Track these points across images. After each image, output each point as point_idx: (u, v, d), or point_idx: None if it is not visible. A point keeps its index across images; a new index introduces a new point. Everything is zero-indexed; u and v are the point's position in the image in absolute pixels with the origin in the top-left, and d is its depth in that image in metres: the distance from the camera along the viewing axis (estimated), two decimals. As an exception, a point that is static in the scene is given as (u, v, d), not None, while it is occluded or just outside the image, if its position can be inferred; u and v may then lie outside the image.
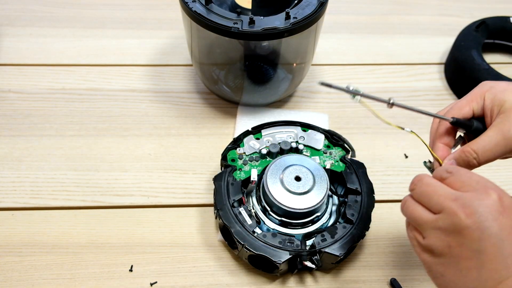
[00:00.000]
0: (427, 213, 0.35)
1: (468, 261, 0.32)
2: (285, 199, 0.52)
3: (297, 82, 0.73)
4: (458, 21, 0.88)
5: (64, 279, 0.54)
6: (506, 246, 0.31)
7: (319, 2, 0.59)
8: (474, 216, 0.31)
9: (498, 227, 0.31)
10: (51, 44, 0.79)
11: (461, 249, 0.32)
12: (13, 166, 0.63)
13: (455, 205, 0.33)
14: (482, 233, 0.31)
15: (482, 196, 0.32)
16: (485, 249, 0.31)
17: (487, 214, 0.31)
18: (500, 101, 0.39)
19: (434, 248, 0.34)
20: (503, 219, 0.31)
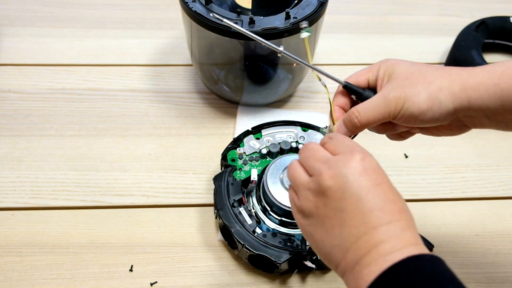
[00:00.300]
0: (304, 175, 0.36)
1: (332, 220, 0.33)
2: (285, 199, 0.52)
3: (297, 82, 0.73)
4: (458, 21, 0.88)
5: (64, 279, 0.54)
6: (364, 204, 0.32)
7: (319, 2, 0.59)
8: (336, 177, 0.33)
9: (357, 187, 0.32)
10: (51, 44, 0.79)
11: (325, 209, 0.34)
12: (13, 166, 0.63)
13: (323, 167, 0.34)
14: (343, 193, 0.33)
15: (347, 158, 0.34)
16: (345, 208, 0.33)
17: (349, 175, 0.33)
18: (390, 71, 0.40)
19: (304, 208, 0.35)
20: (363, 180, 0.33)
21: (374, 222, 0.32)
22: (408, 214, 0.34)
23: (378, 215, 0.32)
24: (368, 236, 0.32)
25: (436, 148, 0.68)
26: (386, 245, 0.31)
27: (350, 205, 0.33)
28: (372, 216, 0.32)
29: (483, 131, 0.70)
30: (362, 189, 0.33)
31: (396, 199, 0.34)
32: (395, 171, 0.65)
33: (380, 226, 0.32)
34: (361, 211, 0.32)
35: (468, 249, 0.59)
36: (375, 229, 0.32)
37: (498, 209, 0.63)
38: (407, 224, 0.33)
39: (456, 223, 0.61)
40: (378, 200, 0.33)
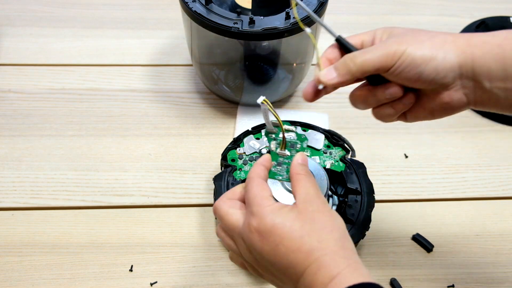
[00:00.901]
0: (233, 245, 0.39)
1: (274, 279, 0.37)
2: (285, 199, 0.52)
3: (297, 82, 0.73)
4: (458, 21, 0.87)
5: (64, 279, 0.54)
6: (279, 265, 0.34)
7: (319, 2, 0.59)
8: (252, 251, 0.36)
9: (267, 254, 0.35)
10: (51, 44, 0.79)
11: (265, 271, 0.37)
12: (13, 166, 0.63)
13: (238, 240, 0.38)
14: (262, 262, 0.36)
15: (247, 230, 0.36)
16: (273, 272, 0.36)
17: (256, 246, 0.35)
18: (389, 31, 0.38)
19: (255, 270, 0.39)
20: (266, 246, 0.35)
21: (294, 279, 0.34)
22: (321, 249, 0.34)
23: (291, 273, 0.34)
24: (299, 284, 0.34)
25: (436, 148, 0.68)
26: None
27: (273, 271, 0.35)
28: (290, 275, 0.34)
29: (483, 131, 0.70)
30: (270, 255, 0.35)
31: (299, 246, 0.34)
32: (395, 171, 0.66)
33: (297, 281, 0.34)
34: (282, 273, 0.35)
35: (468, 249, 0.59)
36: (297, 285, 0.34)
37: (498, 209, 0.63)
38: (317, 264, 0.33)
39: (456, 223, 0.61)
40: (284, 260, 0.34)
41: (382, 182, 0.64)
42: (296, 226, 0.34)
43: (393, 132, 0.70)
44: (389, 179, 0.65)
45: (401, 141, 0.69)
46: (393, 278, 0.55)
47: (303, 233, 0.34)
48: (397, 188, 0.64)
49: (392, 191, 0.64)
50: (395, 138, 0.69)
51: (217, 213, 0.40)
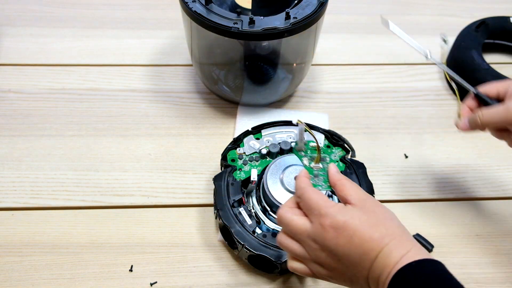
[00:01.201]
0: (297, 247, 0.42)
1: (344, 274, 0.40)
2: (285, 199, 0.52)
3: (297, 82, 0.73)
4: (458, 21, 0.87)
5: (64, 279, 0.54)
6: (354, 255, 0.38)
7: (319, 2, 0.59)
8: (325, 249, 0.40)
9: (341, 247, 0.39)
10: (51, 44, 0.79)
11: (335, 269, 0.40)
12: (13, 166, 0.63)
13: (308, 241, 0.41)
14: (336, 257, 0.39)
15: (320, 230, 0.40)
16: (343, 263, 0.39)
17: (330, 243, 0.39)
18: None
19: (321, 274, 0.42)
20: (340, 240, 0.39)
21: (367, 265, 0.38)
22: (389, 235, 0.39)
23: (365, 259, 0.38)
24: (371, 274, 0.38)
25: (436, 148, 0.68)
26: (383, 275, 0.37)
27: (347, 262, 0.39)
28: (363, 262, 0.38)
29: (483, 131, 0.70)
30: (345, 247, 0.39)
31: (371, 236, 0.38)
32: (395, 171, 0.66)
33: (371, 266, 0.38)
34: (356, 263, 0.39)
35: (468, 249, 0.59)
36: (371, 269, 0.38)
37: (498, 209, 0.63)
38: (389, 247, 0.38)
39: (456, 223, 0.61)
40: (358, 250, 0.38)
41: (382, 182, 0.64)
42: (363, 219, 0.39)
43: (393, 132, 0.70)
44: (389, 179, 0.65)
45: (401, 141, 0.69)
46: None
47: (371, 224, 0.39)
48: (397, 188, 0.64)
49: (392, 191, 0.64)
50: (395, 138, 0.69)
51: (282, 221, 0.43)
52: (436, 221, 0.61)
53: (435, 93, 0.77)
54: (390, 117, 0.72)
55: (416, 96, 0.76)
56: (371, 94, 0.76)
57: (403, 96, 0.76)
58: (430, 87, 0.77)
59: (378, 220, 0.39)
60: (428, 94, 0.76)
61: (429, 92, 0.77)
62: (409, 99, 0.75)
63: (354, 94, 0.75)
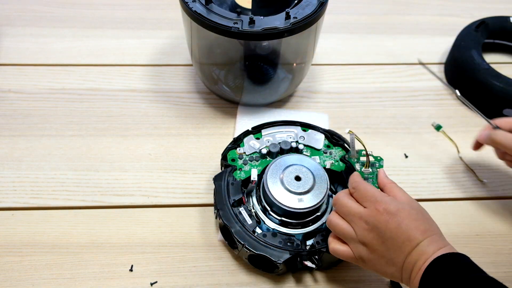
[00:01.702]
0: (348, 228, 0.48)
1: (382, 257, 0.45)
2: (285, 199, 0.52)
3: (297, 82, 0.73)
4: (458, 21, 0.88)
5: (64, 279, 0.54)
6: (398, 240, 0.44)
7: (319, 2, 0.59)
8: (373, 230, 0.46)
9: (389, 232, 0.45)
10: (51, 44, 0.79)
11: (376, 251, 0.46)
12: (13, 166, 0.63)
13: (360, 223, 0.47)
14: (382, 238, 0.45)
15: (374, 213, 0.46)
16: (388, 247, 0.45)
17: (381, 225, 0.45)
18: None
19: (362, 255, 0.47)
20: (389, 224, 0.45)
21: (407, 250, 0.44)
22: (431, 230, 0.45)
23: (407, 245, 0.44)
24: (408, 259, 0.44)
25: (436, 148, 0.68)
26: (420, 261, 0.43)
27: (390, 245, 0.45)
28: (405, 247, 0.44)
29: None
30: (392, 231, 0.45)
31: (417, 226, 0.45)
32: (395, 171, 0.65)
33: (412, 251, 0.44)
34: (398, 246, 0.44)
35: (468, 249, 0.59)
36: (410, 254, 0.44)
37: (498, 209, 0.63)
38: (429, 240, 0.44)
39: (456, 223, 0.61)
40: (404, 235, 0.44)
41: (382, 182, 0.64)
42: (412, 212, 0.46)
43: (393, 132, 0.70)
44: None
45: (401, 141, 0.69)
46: (393, 278, 0.55)
47: (418, 217, 0.46)
48: (397, 188, 0.64)
49: (392, 191, 0.64)
50: (395, 138, 0.69)
51: (339, 202, 0.49)
52: (436, 221, 0.61)
53: (435, 93, 0.77)
54: (390, 117, 0.72)
55: (416, 96, 0.76)
56: (371, 94, 0.76)
57: (403, 96, 0.76)
58: (430, 87, 0.77)
59: (423, 216, 0.46)
60: (428, 94, 0.76)
61: (429, 92, 0.77)
62: (409, 99, 0.75)
63: (354, 94, 0.75)
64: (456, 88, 0.76)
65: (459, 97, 0.62)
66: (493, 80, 0.70)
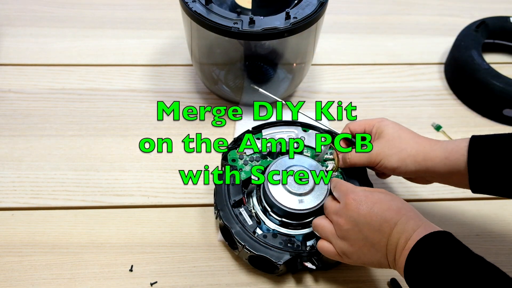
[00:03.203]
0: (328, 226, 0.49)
1: (363, 247, 0.46)
2: (285, 200, 0.52)
3: (297, 82, 0.73)
4: (458, 21, 0.88)
5: (64, 279, 0.54)
6: (374, 225, 0.45)
7: (319, 2, 0.59)
8: (349, 221, 0.47)
9: (363, 219, 0.46)
10: (51, 44, 0.79)
11: (355, 241, 0.46)
12: (13, 166, 0.63)
13: (336, 217, 0.48)
14: (358, 228, 0.46)
15: (345, 205, 0.47)
16: (366, 235, 0.46)
17: (353, 214, 0.46)
18: (380, 131, 0.54)
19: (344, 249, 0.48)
20: (361, 210, 0.46)
21: (387, 231, 0.45)
22: (403, 209, 0.46)
23: (385, 227, 0.45)
24: (390, 241, 0.45)
25: (436, 148, 0.68)
26: (402, 239, 0.44)
27: (367, 232, 0.46)
28: (383, 229, 0.45)
29: (483, 131, 0.70)
30: (366, 217, 0.46)
31: (390, 206, 0.46)
32: (395, 171, 0.65)
33: (391, 232, 0.45)
34: (376, 230, 0.45)
35: (468, 249, 0.59)
36: (390, 235, 0.45)
37: (498, 209, 0.63)
38: (407, 218, 0.45)
39: (456, 223, 0.61)
40: (379, 218, 0.45)
41: (382, 182, 0.64)
42: (382, 196, 0.47)
43: (393, 132, 0.70)
44: (389, 179, 0.65)
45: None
46: (393, 278, 0.55)
47: (389, 199, 0.47)
48: (397, 188, 0.64)
49: (392, 191, 0.64)
50: (395, 138, 0.69)
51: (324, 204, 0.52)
52: (436, 221, 0.61)
53: (435, 93, 0.77)
54: (390, 117, 0.72)
55: (416, 96, 0.76)
56: (371, 94, 0.75)
57: (403, 96, 0.76)
58: (430, 87, 0.77)
59: (392, 197, 0.48)
60: (428, 94, 0.76)
61: (429, 92, 0.77)
62: (409, 99, 0.75)
63: (354, 94, 0.75)
64: (457, 88, 0.76)
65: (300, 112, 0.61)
66: (493, 80, 0.70)
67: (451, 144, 0.50)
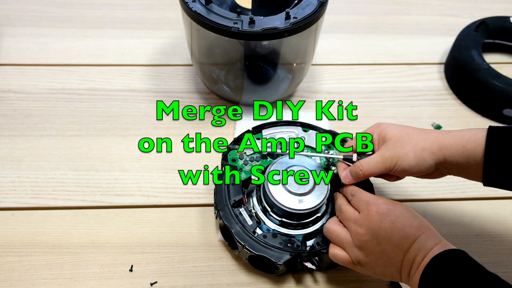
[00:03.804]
0: (345, 234, 0.49)
1: (380, 259, 0.46)
2: (285, 200, 0.52)
3: (297, 82, 0.73)
4: (458, 21, 0.88)
5: (64, 279, 0.54)
6: (394, 240, 0.45)
7: (319, 2, 0.59)
8: (369, 233, 0.46)
9: (383, 232, 0.45)
10: (51, 44, 0.79)
11: (372, 253, 0.46)
12: (13, 166, 0.63)
13: (355, 227, 0.48)
14: (377, 240, 0.46)
15: (367, 216, 0.47)
16: (384, 248, 0.46)
17: (374, 226, 0.46)
18: (383, 135, 0.51)
19: (359, 259, 0.47)
20: (383, 225, 0.46)
21: (405, 246, 0.45)
22: (423, 227, 0.46)
23: (404, 242, 0.45)
24: (406, 257, 0.45)
25: (436, 148, 0.68)
26: (419, 256, 0.44)
27: (386, 245, 0.45)
28: (402, 245, 0.45)
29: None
30: (387, 231, 0.45)
31: (411, 223, 0.46)
32: (395, 171, 0.65)
33: (409, 248, 0.45)
34: (395, 245, 0.45)
35: (468, 249, 0.58)
36: (408, 251, 0.45)
37: (498, 209, 0.63)
38: (426, 236, 0.45)
39: (456, 223, 0.61)
40: (400, 233, 0.45)
41: (382, 182, 0.64)
42: (404, 211, 0.47)
43: (393, 132, 0.70)
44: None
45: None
46: (393, 278, 0.55)
47: (410, 215, 0.47)
48: (397, 188, 0.64)
49: (392, 191, 0.64)
50: (395, 138, 0.69)
51: (338, 208, 0.51)
52: (436, 221, 0.61)
53: (435, 93, 0.77)
54: (390, 117, 0.72)
55: (416, 96, 0.76)
56: (371, 94, 0.75)
57: (403, 96, 0.76)
58: (430, 87, 0.77)
59: (413, 213, 0.47)
60: (428, 94, 0.76)
61: (429, 92, 0.77)
62: (409, 99, 0.75)
63: (354, 94, 0.75)
64: (457, 88, 0.76)
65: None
66: (493, 80, 0.70)
67: (467, 133, 0.48)
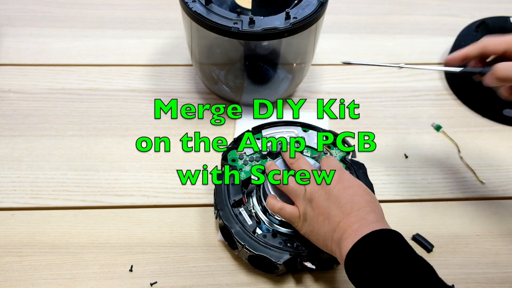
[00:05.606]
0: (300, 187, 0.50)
1: (322, 215, 0.48)
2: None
3: (297, 82, 0.73)
4: (458, 21, 0.87)
5: (64, 279, 0.54)
6: (341, 201, 0.47)
7: (319, 2, 0.59)
8: (324, 187, 0.48)
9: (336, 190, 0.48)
10: (51, 44, 0.79)
11: (318, 208, 0.48)
12: (13, 166, 0.63)
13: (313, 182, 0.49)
14: (328, 195, 0.48)
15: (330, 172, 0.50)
16: (331, 204, 0.47)
17: (331, 185, 0.48)
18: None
19: (307, 211, 0.49)
20: (338, 186, 0.48)
21: (348, 210, 0.46)
22: (373, 203, 0.48)
23: (349, 206, 0.47)
24: (345, 220, 0.46)
25: (436, 148, 0.68)
26: (355, 225, 0.45)
27: (333, 203, 0.47)
28: (346, 208, 0.47)
29: (483, 131, 0.71)
30: (339, 192, 0.48)
31: (363, 195, 0.48)
32: (395, 171, 0.65)
33: (351, 212, 0.46)
34: (340, 205, 0.47)
35: (468, 249, 0.59)
36: (348, 215, 0.46)
37: (498, 209, 0.63)
38: (371, 209, 0.47)
39: (456, 223, 0.61)
40: (348, 198, 0.47)
41: (382, 182, 0.64)
42: (363, 186, 0.49)
43: (393, 132, 0.70)
44: (389, 179, 0.65)
45: (401, 141, 0.69)
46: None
47: (366, 191, 0.49)
48: (397, 188, 0.64)
49: (392, 191, 0.64)
50: (395, 138, 0.69)
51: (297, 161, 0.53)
52: (436, 221, 0.61)
53: (435, 93, 0.77)
54: (390, 117, 0.72)
55: (416, 96, 0.76)
56: (371, 94, 0.75)
57: (403, 96, 0.76)
58: (430, 87, 0.77)
59: (371, 193, 0.49)
60: (428, 94, 0.76)
61: (429, 92, 0.77)
62: (409, 99, 0.75)
63: (354, 94, 0.75)
64: (457, 88, 0.76)
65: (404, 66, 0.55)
66: (493, 80, 0.70)
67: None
